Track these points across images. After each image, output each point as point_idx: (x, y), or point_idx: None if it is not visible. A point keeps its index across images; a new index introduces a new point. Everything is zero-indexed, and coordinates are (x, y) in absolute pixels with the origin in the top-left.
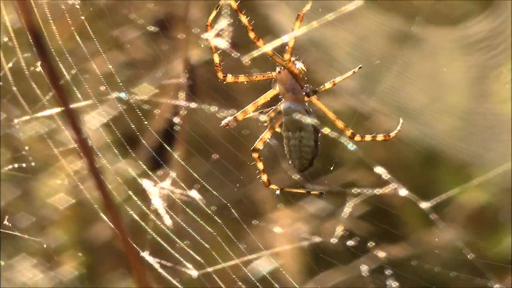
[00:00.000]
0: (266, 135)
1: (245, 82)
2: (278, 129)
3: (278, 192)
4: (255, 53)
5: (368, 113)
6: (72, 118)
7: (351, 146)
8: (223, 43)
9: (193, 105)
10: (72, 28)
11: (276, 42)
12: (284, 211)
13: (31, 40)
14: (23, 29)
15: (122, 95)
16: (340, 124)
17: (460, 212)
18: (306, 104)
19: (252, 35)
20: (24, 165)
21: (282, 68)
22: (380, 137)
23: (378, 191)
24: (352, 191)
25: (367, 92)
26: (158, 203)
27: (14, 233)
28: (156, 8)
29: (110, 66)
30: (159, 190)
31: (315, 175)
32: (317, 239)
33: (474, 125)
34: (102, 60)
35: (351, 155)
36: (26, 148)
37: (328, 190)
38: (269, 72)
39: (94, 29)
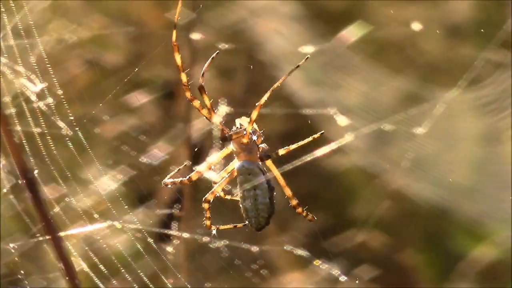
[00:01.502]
0: (218, 188)
1: (205, 118)
2: (228, 196)
3: (214, 231)
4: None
5: (377, 172)
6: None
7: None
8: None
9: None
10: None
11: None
12: (296, 274)
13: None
14: None
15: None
16: (288, 191)
17: (472, 267)
18: (260, 163)
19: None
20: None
21: (238, 129)
22: (309, 217)
23: None
24: None
25: (376, 152)
26: None
27: None
28: (165, 73)
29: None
30: None
31: (327, 235)
32: None
33: (484, 185)
34: (112, 127)
35: (362, 214)
36: None
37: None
38: (227, 130)
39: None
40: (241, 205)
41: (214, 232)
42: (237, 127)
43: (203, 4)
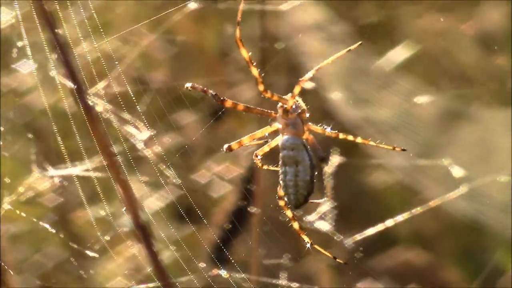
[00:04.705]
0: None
1: (244, 113)
2: (265, 166)
3: (308, 245)
4: (358, 236)
5: (419, 189)
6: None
7: None
8: (325, 226)
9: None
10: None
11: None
12: None
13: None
14: None
15: (223, 272)
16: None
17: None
18: (304, 139)
19: (261, 87)
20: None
21: (284, 104)
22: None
23: None
24: None
25: (418, 168)
26: None
27: None
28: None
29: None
30: None
31: (371, 253)
32: None
33: None
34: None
35: (405, 230)
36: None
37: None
38: (269, 111)
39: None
40: (280, 181)
41: (308, 246)
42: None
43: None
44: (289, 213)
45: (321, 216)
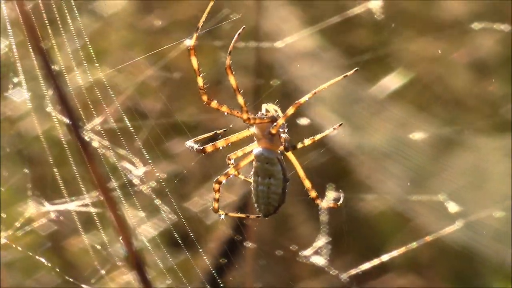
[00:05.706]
0: (232, 171)
1: (226, 113)
2: (242, 176)
3: (223, 216)
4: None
5: (412, 217)
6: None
7: None
8: (321, 261)
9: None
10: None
11: None
12: None
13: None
14: None
15: None
16: (307, 184)
17: None
18: (279, 152)
19: (245, 116)
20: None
21: (265, 115)
22: (331, 204)
23: None
24: None
25: (413, 196)
26: None
27: None
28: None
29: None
30: None
31: (365, 279)
32: None
33: None
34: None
35: (398, 256)
36: None
37: None
38: (252, 115)
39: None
40: (253, 189)
41: (222, 217)
42: (263, 113)
43: None
44: (216, 195)
45: (317, 251)
